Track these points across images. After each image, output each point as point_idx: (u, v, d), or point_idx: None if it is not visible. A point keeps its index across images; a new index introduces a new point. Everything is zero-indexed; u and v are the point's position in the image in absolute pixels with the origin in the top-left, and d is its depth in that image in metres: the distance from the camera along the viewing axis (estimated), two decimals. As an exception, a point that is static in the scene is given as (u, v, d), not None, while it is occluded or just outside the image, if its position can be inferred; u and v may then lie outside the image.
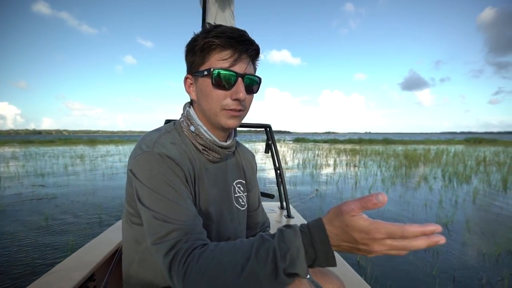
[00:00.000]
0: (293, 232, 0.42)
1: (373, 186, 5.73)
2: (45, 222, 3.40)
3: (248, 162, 0.84)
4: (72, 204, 4.26)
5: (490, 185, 5.88)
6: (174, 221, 0.50)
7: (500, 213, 3.93)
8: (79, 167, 8.74)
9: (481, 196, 4.92)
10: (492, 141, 30.11)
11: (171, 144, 0.60)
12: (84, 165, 9.23)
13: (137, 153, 0.57)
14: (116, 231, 1.38)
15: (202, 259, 0.43)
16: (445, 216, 3.71)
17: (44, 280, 0.91)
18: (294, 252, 0.40)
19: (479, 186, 5.72)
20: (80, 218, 3.56)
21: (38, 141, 29.26)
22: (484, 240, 2.92)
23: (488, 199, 4.74)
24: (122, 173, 7.50)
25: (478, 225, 3.39)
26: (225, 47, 0.58)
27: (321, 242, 0.41)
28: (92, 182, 6.17)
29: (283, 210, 2.00)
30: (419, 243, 0.35)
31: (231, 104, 0.60)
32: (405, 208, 4.11)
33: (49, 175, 7.07)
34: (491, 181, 6.19)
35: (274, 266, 0.40)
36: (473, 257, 2.51)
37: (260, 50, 0.63)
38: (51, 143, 27.46)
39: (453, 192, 5.23)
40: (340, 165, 9.33)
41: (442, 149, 16.54)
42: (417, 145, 22.85)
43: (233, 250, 0.44)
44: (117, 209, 4.03)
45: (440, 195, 4.87)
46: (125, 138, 52.47)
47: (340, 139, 33.64)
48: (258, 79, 0.64)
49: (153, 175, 0.54)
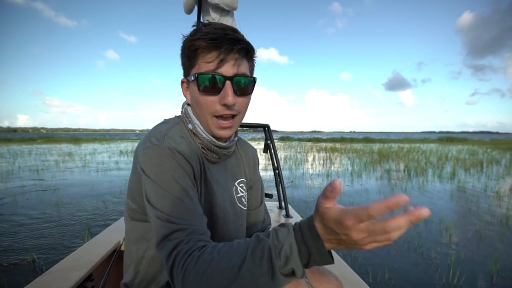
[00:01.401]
0: (286, 230, 0.42)
1: (342, 178, 6.59)
2: (56, 208, 3.96)
3: (250, 159, 0.81)
4: (76, 194, 4.81)
5: (440, 176, 6.90)
6: (177, 221, 0.50)
7: (439, 196, 4.85)
8: (71, 164, 9.11)
9: (429, 185, 5.88)
10: (463, 140, 32.31)
11: (181, 138, 0.60)
12: (75, 162, 9.59)
13: (146, 146, 0.56)
14: (114, 231, 1.40)
15: (200, 261, 0.43)
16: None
17: (42, 280, 0.91)
18: (287, 249, 0.40)
19: (430, 178, 6.71)
20: (86, 205, 4.15)
21: (18, 139, 28.45)
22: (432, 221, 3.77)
23: (432, 187, 5.69)
24: (115, 169, 8.00)
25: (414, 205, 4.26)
26: (209, 49, 0.55)
27: (312, 237, 0.40)
28: (88, 177, 6.66)
29: (281, 209, 1.99)
30: (397, 222, 0.33)
31: (221, 110, 0.58)
32: (363, 195, 4.96)
33: (43, 171, 7.46)
34: (442, 174, 7.22)
35: (270, 265, 0.40)
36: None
37: (251, 47, 0.59)
38: (33, 141, 26.84)
39: (407, 182, 6.17)
40: (318, 161, 10.23)
41: (415, 147, 17.90)
42: (395, 143, 24.15)
43: (230, 251, 0.44)
44: (118, 196, 4.62)
45: (395, 185, 5.78)
46: (108, 136, 51.57)
47: (323, 138, 34.98)
48: (250, 79, 0.59)
49: (161, 169, 0.53)
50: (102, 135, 58.12)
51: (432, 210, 2.90)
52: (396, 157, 11.47)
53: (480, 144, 22.99)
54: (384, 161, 10.06)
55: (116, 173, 7.30)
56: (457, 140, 31.91)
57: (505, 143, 23.43)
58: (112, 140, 31.13)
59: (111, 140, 29.77)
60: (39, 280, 0.91)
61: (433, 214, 3.68)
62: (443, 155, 12.28)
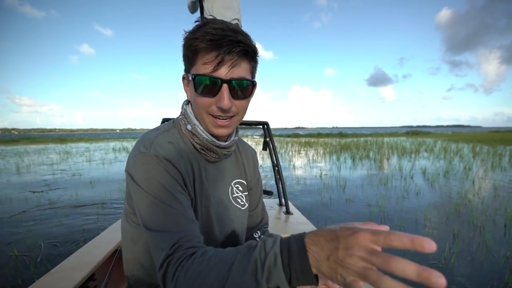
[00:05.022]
0: (272, 240, 0.41)
1: (301, 164, 8.61)
2: (91, 185, 5.64)
3: (249, 160, 0.82)
4: (100, 177, 6.46)
5: (375, 160, 9.08)
6: (167, 229, 0.50)
7: (368, 174, 6.93)
8: (76, 159, 10.58)
9: (365, 166, 8.01)
10: (426, 133, 35.70)
11: (169, 144, 0.60)
12: (78, 158, 11.05)
13: (135, 154, 0.57)
14: (115, 230, 1.41)
15: (189, 273, 0.44)
16: (329, 175, 6.61)
17: (44, 281, 0.93)
18: (271, 260, 0.38)
19: (368, 162, 8.88)
20: (110, 183, 5.84)
21: (1, 141, 28.56)
22: (339, 184, 5.80)
23: (366, 166, 7.81)
24: (118, 161, 9.59)
25: (344, 179, 6.30)
26: (208, 50, 0.54)
27: (298, 249, 0.37)
28: (100, 167, 8.29)
29: (282, 206, 2.00)
30: (404, 264, 0.28)
31: (216, 111, 0.58)
32: (312, 173, 6.96)
33: (57, 165, 8.94)
34: (382, 161, 9.41)
35: (254, 278, 0.39)
36: (334, 197, 5.34)
37: (252, 48, 0.57)
38: (16, 142, 27.17)
39: (346, 165, 8.28)
40: (287, 153, 12.25)
41: (378, 140, 20.41)
42: (365, 137, 26.43)
43: (219, 262, 0.43)
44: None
45: (338, 167, 7.86)
46: (93, 136, 51.39)
47: (302, 134, 37.37)
48: (249, 82, 0.58)
49: (149, 177, 0.54)
50: (86, 135, 57.70)
51: (346, 178, 5.01)
52: (353, 148, 13.73)
53: (438, 137, 26.06)
54: (342, 152, 12.25)
55: (120, 164, 8.92)
56: (421, 133, 35.13)
57: (462, 136, 26.35)
58: (96, 139, 31.87)
59: (95, 140, 30.56)
60: (42, 281, 0.92)
61: (345, 180, 5.74)
62: (393, 146, 14.71)
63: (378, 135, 32.25)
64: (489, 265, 2.22)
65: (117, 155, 12.27)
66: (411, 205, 3.95)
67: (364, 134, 35.18)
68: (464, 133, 38.55)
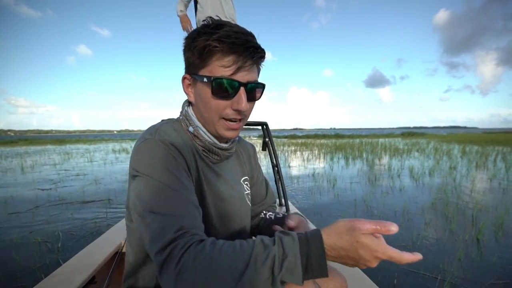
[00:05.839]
0: (291, 239, 0.43)
1: (296, 165, 8.98)
2: (96, 183, 5.96)
3: (249, 156, 0.83)
4: (104, 175, 6.78)
5: (367, 160, 9.47)
6: (172, 213, 0.49)
7: (359, 172, 7.31)
8: (77, 160, 10.85)
9: (357, 166, 8.39)
10: (421, 134, 36.22)
11: (174, 131, 0.60)
12: (80, 158, 11.33)
13: (140, 142, 0.56)
14: (116, 233, 1.41)
15: (198, 259, 0.42)
16: (321, 173, 6.98)
17: (45, 284, 0.93)
18: (292, 260, 0.41)
19: (361, 162, 9.26)
20: (114, 180, 6.16)
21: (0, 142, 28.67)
22: (329, 182, 6.16)
23: (358, 166, 8.19)
24: (118, 162, 9.89)
25: (335, 177, 6.68)
26: (227, 52, 0.54)
27: (317, 253, 0.42)
28: (102, 167, 8.58)
29: (281, 206, 2.02)
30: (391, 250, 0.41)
31: (231, 114, 0.58)
32: (305, 172, 7.32)
33: (60, 165, 9.23)
34: (374, 160, 9.80)
35: (271, 273, 0.41)
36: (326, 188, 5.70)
37: (265, 53, 0.58)
38: (14, 143, 27.32)
39: (339, 164, 8.65)
40: (283, 153, 12.62)
41: (373, 141, 20.81)
42: (361, 138, 26.70)
43: (233, 253, 0.43)
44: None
45: (331, 166, 8.23)
46: (92, 137, 51.49)
47: (299, 135, 37.79)
48: (261, 85, 0.60)
49: (154, 162, 0.53)
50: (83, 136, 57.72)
51: (339, 175, 5.39)
52: (347, 149, 14.13)
53: (432, 138, 26.52)
54: (336, 152, 12.64)
55: (122, 164, 9.23)
56: (417, 134, 35.62)
57: (455, 137, 26.72)
58: (94, 141, 32.07)
59: (93, 141, 30.76)
60: (43, 284, 0.92)
61: (339, 178, 6.12)
62: (387, 146, 15.12)
63: (374, 136, 32.59)
64: (449, 246, 2.59)
65: (117, 155, 12.57)
66: (393, 200, 4.32)
67: (360, 135, 35.62)
68: (458, 134, 39.07)
